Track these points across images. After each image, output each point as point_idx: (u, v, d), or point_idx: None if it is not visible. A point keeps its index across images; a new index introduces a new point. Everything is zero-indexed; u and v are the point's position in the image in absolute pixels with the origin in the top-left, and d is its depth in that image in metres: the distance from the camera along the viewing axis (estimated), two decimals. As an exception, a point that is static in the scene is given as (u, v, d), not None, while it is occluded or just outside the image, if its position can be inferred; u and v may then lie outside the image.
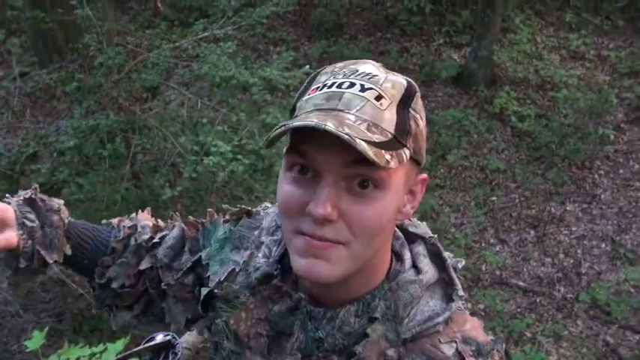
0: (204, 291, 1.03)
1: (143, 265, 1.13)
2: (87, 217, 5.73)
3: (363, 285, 0.86)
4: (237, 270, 1.00)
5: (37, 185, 1.13)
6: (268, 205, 1.11)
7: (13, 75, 5.79)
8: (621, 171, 7.42)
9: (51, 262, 1.09)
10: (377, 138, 0.75)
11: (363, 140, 0.72)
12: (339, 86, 0.79)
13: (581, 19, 9.17)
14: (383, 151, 0.74)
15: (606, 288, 6.24)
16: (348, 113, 0.76)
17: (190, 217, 1.17)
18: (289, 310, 0.90)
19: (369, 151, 0.71)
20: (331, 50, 8.78)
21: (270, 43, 8.81)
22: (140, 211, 1.23)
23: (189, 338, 2.00)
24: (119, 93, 5.69)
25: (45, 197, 1.12)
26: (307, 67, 5.53)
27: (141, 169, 5.84)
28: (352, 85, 0.79)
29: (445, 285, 0.90)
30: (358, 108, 0.76)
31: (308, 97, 0.81)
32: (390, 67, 0.86)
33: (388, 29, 9.31)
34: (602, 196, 7.16)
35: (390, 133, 0.77)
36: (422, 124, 0.82)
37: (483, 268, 6.50)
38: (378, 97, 0.78)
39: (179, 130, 5.62)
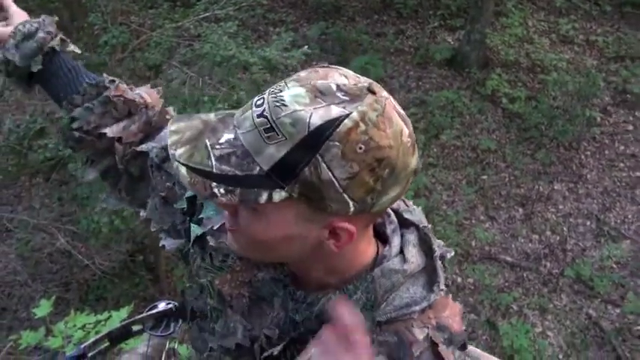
0: (197, 230, 1.02)
1: (110, 132, 1.12)
2: (92, 191, 5.73)
3: (330, 275, 0.85)
4: None
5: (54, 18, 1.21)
6: None
7: (21, 53, 5.74)
8: (607, 152, 7.43)
9: (10, 59, 1.14)
10: (223, 169, 0.72)
11: (189, 167, 0.72)
12: (256, 101, 0.75)
13: (570, 5, 9.11)
14: (214, 184, 0.72)
15: (590, 264, 6.29)
16: (231, 132, 0.74)
17: None
18: (272, 279, 0.90)
19: (185, 178, 0.73)
20: (329, 32, 8.71)
21: (270, 24, 8.73)
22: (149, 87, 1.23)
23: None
24: (123, 71, 5.66)
25: (53, 26, 1.18)
26: (306, 47, 5.48)
27: (144, 144, 5.82)
28: (261, 104, 0.73)
29: (429, 273, 0.88)
30: (244, 131, 0.73)
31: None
32: (385, 49, 0.81)
33: (385, 12, 9.24)
34: (588, 176, 7.18)
35: (260, 168, 0.72)
36: (329, 176, 0.71)
37: (473, 243, 6.53)
38: (268, 130, 0.71)
39: (181, 108, 5.59)
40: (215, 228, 0.99)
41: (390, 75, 8.07)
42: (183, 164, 0.72)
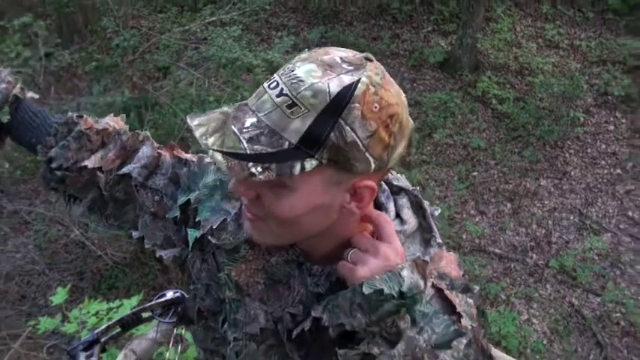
0: (195, 233, 1.00)
1: (90, 163, 1.07)
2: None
3: (341, 245, 0.86)
4: (228, 219, 0.98)
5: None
6: None
7: (39, 55, 5.72)
8: (589, 150, 7.43)
9: None
10: (257, 149, 0.73)
11: (224, 152, 0.72)
12: (270, 84, 0.76)
13: (556, 11, 9.09)
14: (251, 164, 0.72)
15: (573, 255, 6.30)
16: (253, 116, 0.75)
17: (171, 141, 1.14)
18: (286, 262, 0.90)
19: (222, 164, 0.72)
20: (328, 35, 8.69)
21: (273, 28, 8.71)
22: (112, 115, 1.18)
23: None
24: (134, 72, 5.65)
25: (8, 74, 1.09)
26: (306, 50, 5.48)
27: (153, 142, 5.81)
28: (276, 86, 0.75)
29: (423, 231, 0.90)
30: (266, 113, 0.74)
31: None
32: (382, 52, 0.83)
33: (381, 17, 9.22)
34: (572, 173, 7.18)
35: (289, 142, 0.73)
36: (353, 136, 0.74)
37: (464, 236, 6.53)
38: (291, 105, 0.73)
39: (188, 107, 5.59)
40: (215, 227, 0.98)
41: (386, 77, 8.06)
42: (217, 151, 0.72)
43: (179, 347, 1.66)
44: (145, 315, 1.38)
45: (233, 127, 0.74)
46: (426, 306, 0.81)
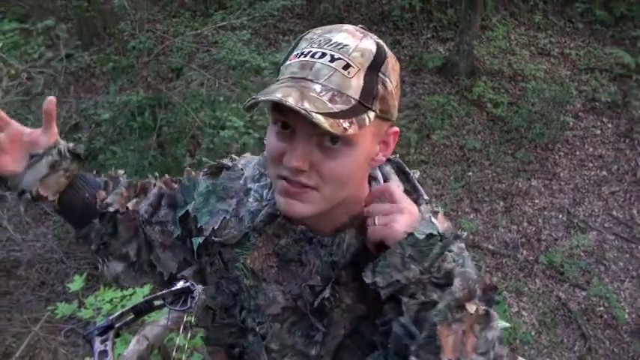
0: (199, 239, 1.00)
1: (130, 205, 1.08)
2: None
3: (349, 212, 0.87)
4: (227, 217, 0.98)
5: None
6: (247, 155, 1.09)
7: (60, 56, 5.73)
8: (578, 153, 7.41)
9: (25, 189, 1.01)
10: (338, 107, 0.74)
11: (320, 114, 0.72)
12: (313, 55, 0.77)
13: (548, 21, 9.06)
14: (341, 120, 0.73)
15: (561, 252, 6.29)
16: (316, 83, 0.75)
17: (167, 175, 1.14)
18: (295, 242, 0.91)
19: (325, 124, 0.71)
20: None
21: (280, 33, 8.70)
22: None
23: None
24: (148, 73, 5.65)
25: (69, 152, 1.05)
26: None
27: (165, 139, 5.82)
28: (323, 55, 0.77)
29: (410, 194, 0.91)
30: (326, 77, 0.75)
31: (288, 63, 0.80)
32: None
33: (383, 23, 9.20)
34: (561, 174, 7.16)
35: (354, 99, 0.76)
36: (391, 85, 0.79)
37: (459, 232, 6.52)
38: (346, 67, 0.76)
39: (199, 107, 5.59)
40: (216, 228, 0.98)
41: (386, 80, 8.04)
42: (316, 113, 0.72)
43: (189, 333, 1.66)
44: (156, 303, 1.38)
45: (309, 93, 0.74)
46: (455, 245, 0.85)
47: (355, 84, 0.76)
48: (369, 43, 0.79)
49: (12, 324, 4.98)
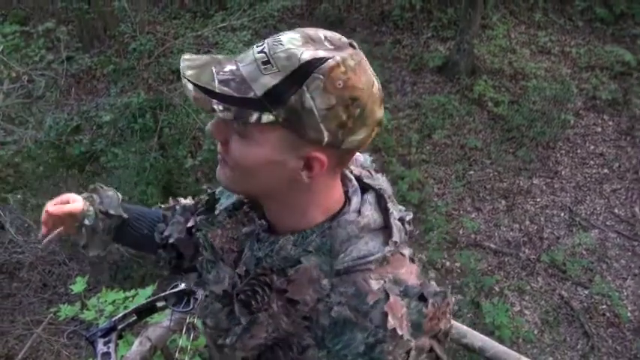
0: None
1: (190, 223, 1.15)
2: (121, 181, 5.73)
3: (300, 222, 0.86)
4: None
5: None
6: None
7: (61, 59, 5.74)
8: (579, 151, 7.41)
9: (112, 212, 1.21)
10: (224, 90, 0.76)
11: (197, 85, 0.76)
12: (257, 44, 0.80)
13: (548, 20, 9.06)
14: (215, 101, 0.75)
15: (563, 250, 6.29)
16: (232, 64, 0.78)
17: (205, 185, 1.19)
18: (250, 233, 0.92)
19: (191, 93, 0.76)
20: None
21: (281, 34, 8.71)
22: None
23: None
24: (149, 75, 5.66)
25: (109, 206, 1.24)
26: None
27: (167, 141, 5.83)
28: (261, 45, 0.78)
29: (388, 233, 0.87)
30: (244, 64, 0.77)
31: None
32: (384, 56, 0.82)
33: (383, 23, 9.20)
34: (563, 172, 7.16)
35: (255, 94, 0.75)
36: (311, 104, 0.74)
37: (461, 232, 6.53)
38: (265, 62, 0.76)
39: (200, 108, 5.58)
40: (222, 208, 1.01)
41: (387, 80, 8.05)
42: (191, 82, 0.76)
43: (191, 335, 1.66)
44: (159, 304, 1.38)
45: (213, 68, 0.78)
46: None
47: (264, 81, 0.75)
48: (307, 53, 0.75)
49: (14, 326, 4.99)
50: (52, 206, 1.20)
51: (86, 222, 1.20)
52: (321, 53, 0.75)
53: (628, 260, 6.26)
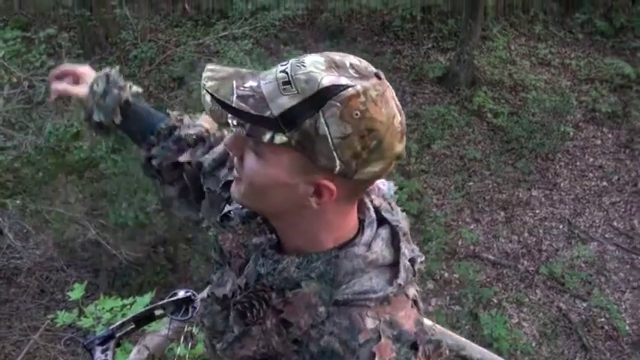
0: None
1: (182, 158, 1.15)
2: (121, 188, 5.73)
3: (308, 245, 0.85)
4: None
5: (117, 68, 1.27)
6: None
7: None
8: (578, 163, 7.42)
9: (97, 120, 1.21)
10: (241, 106, 0.75)
11: (214, 97, 0.76)
12: (282, 63, 0.79)
13: (548, 32, 9.11)
14: (230, 115, 0.75)
15: (562, 263, 6.28)
16: (255, 80, 0.78)
17: None
18: (258, 245, 0.91)
19: (208, 105, 0.77)
20: (334, 50, 8.70)
21: (281, 43, 8.73)
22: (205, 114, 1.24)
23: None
24: (150, 82, 5.68)
25: (119, 78, 1.24)
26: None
27: (168, 148, 5.82)
28: (284, 65, 0.78)
29: (396, 271, 0.85)
30: (265, 82, 0.77)
31: None
32: (384, 66, 0.82)
33: (384, 33, 9.24)
34: (562, 185, 7.17)
35: (272, 113, 0.74)
36: (325, 131, 0.73)
37: (459, 243, 6.52)
38: (285, 83, 0.75)
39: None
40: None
41: (387, 90, 8.07)
42: (210, 94, 0.77)
43: (189, 343, 1.66)
44: (158, 312, 1.38)
45: (234, 82, 0.78)
46: None
47: (282, 102, 0.74)
48: (328, 79, 0.74)
49: (12, 332, 4.97)
50: (59, 84, 1.23)
51: (95, 87, 1.21)
52: (343, 80, 0.74)
53: (627, 273, 6.25)
